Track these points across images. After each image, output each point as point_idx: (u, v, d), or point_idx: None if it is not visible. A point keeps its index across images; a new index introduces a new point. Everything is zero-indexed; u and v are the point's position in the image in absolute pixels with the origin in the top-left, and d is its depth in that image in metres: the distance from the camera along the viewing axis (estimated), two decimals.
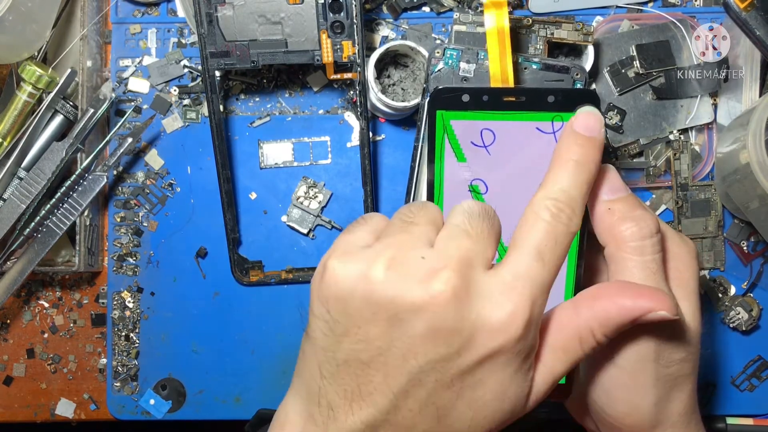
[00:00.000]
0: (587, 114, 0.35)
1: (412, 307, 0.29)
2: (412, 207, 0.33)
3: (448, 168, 0.39)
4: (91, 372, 0.56)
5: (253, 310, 0.55)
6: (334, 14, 0.49)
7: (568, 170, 0.33)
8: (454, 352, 0.29)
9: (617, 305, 0.32)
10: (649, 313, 0.32)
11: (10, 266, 0.52)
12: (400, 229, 0.32)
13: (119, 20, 0.55)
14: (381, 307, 0.29)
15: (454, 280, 0.29)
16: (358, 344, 0.30)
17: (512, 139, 0.38)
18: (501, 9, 0.45)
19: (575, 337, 0.32)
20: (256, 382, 0.55)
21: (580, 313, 0.32)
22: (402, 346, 0.29)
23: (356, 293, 0.30)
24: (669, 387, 0.36)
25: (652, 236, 0.35)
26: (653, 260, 0.35)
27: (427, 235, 0.32)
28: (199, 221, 0.55)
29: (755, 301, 0.55)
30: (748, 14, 0.46)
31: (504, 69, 0.46)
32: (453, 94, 0.38)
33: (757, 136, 0.46)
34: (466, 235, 0.31)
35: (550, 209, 0.32)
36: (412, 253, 0.30)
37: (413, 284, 0.29)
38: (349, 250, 0.31)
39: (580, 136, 0.34)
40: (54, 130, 0.52)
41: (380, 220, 0.34)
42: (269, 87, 0.56)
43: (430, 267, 0.30)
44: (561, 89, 0.38)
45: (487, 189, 0.39)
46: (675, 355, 0.36)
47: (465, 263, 0.30)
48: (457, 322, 0.29)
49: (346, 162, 0.55)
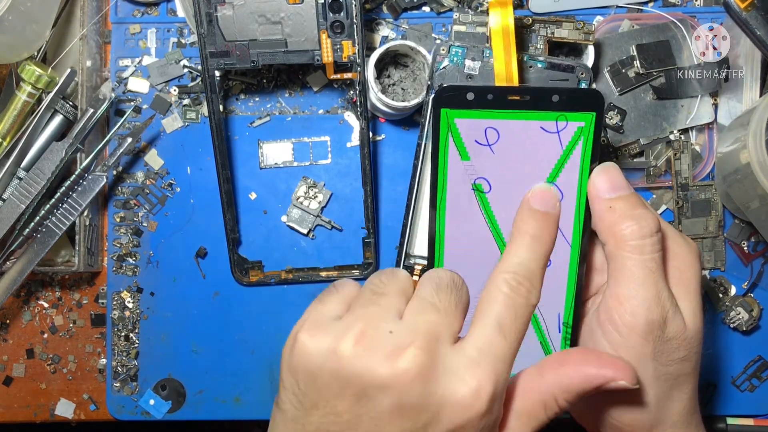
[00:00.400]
0: (543, 190, 0.37)
1: (379, 384, 0.30)
2: (382, 276, 0.34)
3: (452, 166, 0.39)
4: (91, 372, 0.56)
5: (253, 310, 0.55)
6: (334, 14, 0.49)
7: (525, 244, 0.35)
8: (420, 428, 0.30)
9: (580, 374, 0.33)
10: (610, 382, 0.33)
11: (9, 266, 0.52)
12: (370, 301, 0.33)
13: (119, 20, 0.55)
14: (349, 383, 0.30)
15: (420, 358, 0.30)
16: (327, 416, 0.31)
17: (516, 138, 0.38)
18: (506, 8, 0.45)
19: (539, 402, 0.33)
20: (256, 382, 0.55)
21: (545, 379, 0.33)
22: (369, 421, 0.30)
23: (325, 368, 0.31)
24: (669, 386, 0.36)
25: (652, 235, 0.35)
26: (652, 259, 0.35)
27: (397, 306, 0.32)
28: (199, 221, 0.55)
29: (756, 301, 0.55)
30: (748, 14, 0.46)
31: (509, 68, 0.46)
32: (457, 93, 0.38)
33: (758, 135, 0.46)
34: (433, 309, 0.32)
35: (509, 282, 0.33)
36: (381, 326, 0.31)
37: (380, 360, 0.30)
38: (319, 323, 0.32)
39: (536, 211, 0.36)
40: (54, 130, 0.52)
41: (352, 288, 0.35)
42: (269, 87, 0.55)
43: (397, 343, 0.30)
44: (566, 89, 0.38)
45: (491, 188, 0.39)
46: (675, 354, 0.36)
47: (432, 338, 0.31)
48: (422, 398, 0.30)
49: (346, 162, 0.55)
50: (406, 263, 0.50)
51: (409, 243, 0.50)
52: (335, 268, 0.55)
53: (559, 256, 0.39)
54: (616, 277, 0.36)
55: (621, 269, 0.36)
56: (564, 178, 0.39)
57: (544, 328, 0.41)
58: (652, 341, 0.35)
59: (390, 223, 0.55)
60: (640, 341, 0.35)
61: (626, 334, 0.35)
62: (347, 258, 0.55)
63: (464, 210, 0.39)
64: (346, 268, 0.54)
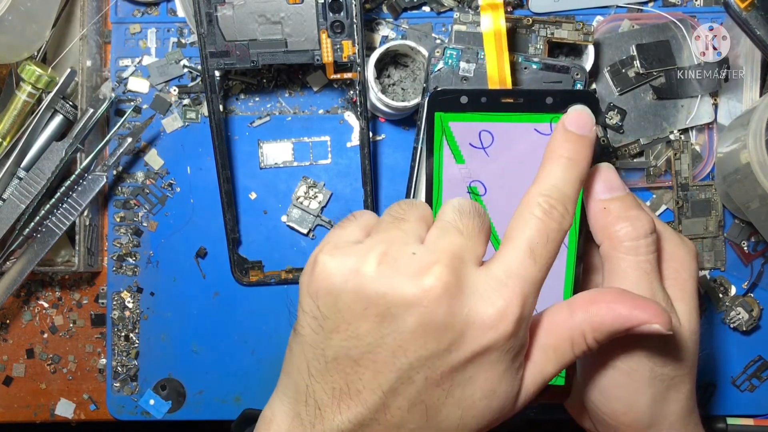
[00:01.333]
0: (579, 112, 0.35)
1: (404, 302, 0.29)
2: (402, 204, 0.33)
3: (447, 169, 0.39)
4: (91, 372, 0.56)
5: (253, 310, 0.55)
6: (334, 14, 0.49)
7: (561, 166, 0.33)
8: (445, 349, 0.29)
9: (613, 312, 0.32)
10: (643, 325, 0.31)
11: (9, 266, 0.52)
12: (391, 225, 0.32)
13: (119, 20, 0.55)
14: (372, 302, 0.29)
15: (446, 276, 0.29)
16: (348, 341, 0.30)
17: (510, 140, 0.38)
18: (497, 11, 0.45)
19: (567, 338, 0.32)
20: (256, 382, 0.55)
21: (575, 316, 0.32)
22: (392, 342, 0.29)
23: (347, 288, 0.30)
24: (665, 386, 0.36)
25: (646, 236, 0.35)
26: (647, 260, 0.35)
27: (418, 231, 0.32)
28: (199, 221, 0.55)
29: (756, 301, 0.55)
30: (748, 14, 0.46)
31: (501, 70, 0.46)
32: (451, 96, 0.38)
33: (758, 135, 0.46)
34: (456, 231, 0.31)
35: (542, 206, 0.32)
36: (404, 248, 0.30)
37: (405, 279, 0.29)
38: (340, 245, 0.31)
39: (571, 133, 0.34)
40: (54, 130, 0.52)
41: (370, 217, 0.34)
42: (269, 87, 0.55)
43: (421, 262, 0.30)
44: (559, 90, 0.39)
45: (486, 190, 0.39)
46: (670, 355, 0.36)
47: (456, 259, 0.30)
48: (448, 317, 0.29)
49: (346, 162, 0.55)
50: None
51: None
52: None
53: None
54: (611, 278, 0.36)
55: (616, 270, 0.35)
56: None
57: None
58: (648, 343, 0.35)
59: None
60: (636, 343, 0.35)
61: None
62: None
63: None
64: None
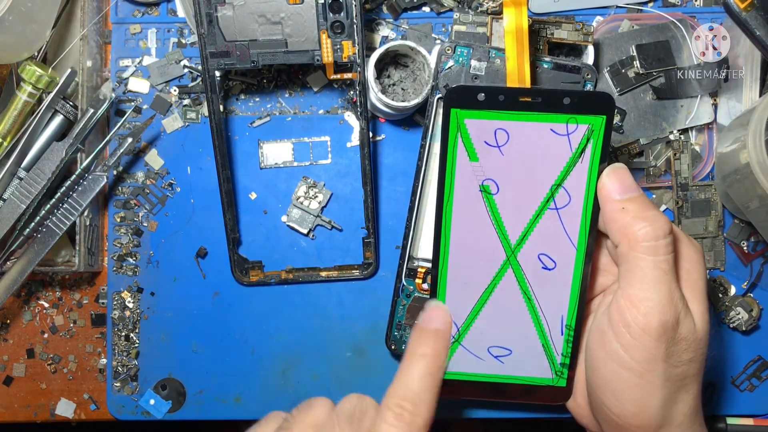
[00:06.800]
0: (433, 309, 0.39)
1: None
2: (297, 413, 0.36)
3: (460, 167, 0.38)
4: (91, 372, 0.56)
5: (253, 310, 0.55)
6: (334, 14, 0.49)
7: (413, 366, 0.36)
8: None
9: None
10: None
11: (10, 266, 0.52)
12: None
13: (119, 20, 0.55)
14: None
15: None
16: None
17: (526, 139, 0.38)
18: (520, 8, 0.45)
19: None
20: (256, 382, 0.55)
21: None
22: None
23: None
24: (676, 387, 0.36)
25: (665, 236, 0.35)
26: (666, 260, 0.35)
27: None
28: (199, 221, 0.55)
29: (755, 301, 0.55)
30: (748, 14, 0.46)
31: (521, 69, 0.45)
32: (468, 93, 0.37)
33: (757, 135, 0.46)
34: None
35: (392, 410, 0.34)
36: None
37: None
38: None
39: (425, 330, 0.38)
40: (54, 130, 0.52)
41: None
42: (269, 87, 0.55)
43: None
44: (577, 91, 0.38)
45: (498, 189, 0.39)
46: (684, 355, 0.36)
47: None
48: None
49: (346, 162, 0.55)
50: (409, 266, 0.50)
51: (412, 246, 0.50)
52: (335, 268, 0.55)
53: (564, 258, 0.39)
54: (629, 278, 0.36)
55: (634, 270, 0.35)
56: (572, 180, 0.38)
57: (546, 331, 0.41)
58: (665, 343, 0.35)
59: (390, 223, 0.55)
60: (653, 343, 0.35)
61: (639, 335, 0.35)
62: (347, 258, 0.55)
63: (471, 211, 0.39)
64: (346, 268, 0.55)
